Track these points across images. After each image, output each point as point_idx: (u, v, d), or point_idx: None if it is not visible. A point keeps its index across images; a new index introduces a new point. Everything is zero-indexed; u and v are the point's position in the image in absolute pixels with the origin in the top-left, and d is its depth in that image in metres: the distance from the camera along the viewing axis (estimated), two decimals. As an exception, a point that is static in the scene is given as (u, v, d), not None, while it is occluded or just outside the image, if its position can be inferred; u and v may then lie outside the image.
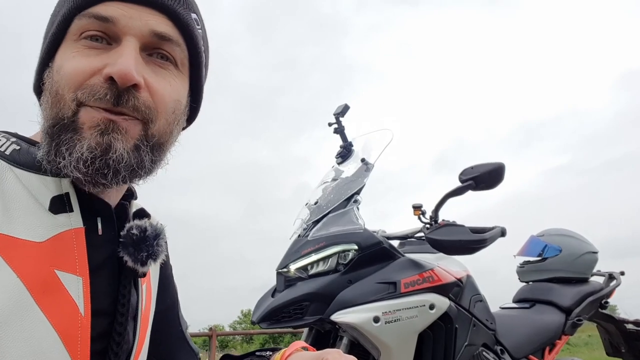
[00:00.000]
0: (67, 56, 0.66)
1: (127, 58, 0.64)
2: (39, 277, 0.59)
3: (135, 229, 0.72)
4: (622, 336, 2.66)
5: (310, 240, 1.85)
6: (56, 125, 0.64)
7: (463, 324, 1.89)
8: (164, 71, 0.70)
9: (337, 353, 0.68)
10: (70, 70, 0.64)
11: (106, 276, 0.70)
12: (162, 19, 0.68)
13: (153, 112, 0.67)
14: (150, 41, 0.68)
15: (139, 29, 0.66)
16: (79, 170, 0.62)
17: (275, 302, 1.75)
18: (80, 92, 0.63)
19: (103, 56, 0.65)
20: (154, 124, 0.68)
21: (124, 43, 0.65)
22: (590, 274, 2.57)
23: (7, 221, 0.59)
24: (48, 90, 0.67)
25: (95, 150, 0.62)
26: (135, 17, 0.66)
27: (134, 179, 0.69)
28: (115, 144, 0.63)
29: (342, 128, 2.21)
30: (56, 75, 0.66)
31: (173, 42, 0.70)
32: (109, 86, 0.63)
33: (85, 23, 0.66)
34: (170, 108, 0.70)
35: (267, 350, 0.88)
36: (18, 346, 0.55)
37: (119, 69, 0.63)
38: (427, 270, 1.82)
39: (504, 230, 1.90)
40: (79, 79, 0.64)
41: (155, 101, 0.68)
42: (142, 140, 0.67)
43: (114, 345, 0.69)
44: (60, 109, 0.64)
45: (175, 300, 0.96)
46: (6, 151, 0.65)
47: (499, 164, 1.85)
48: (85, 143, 0.62)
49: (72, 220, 0.65)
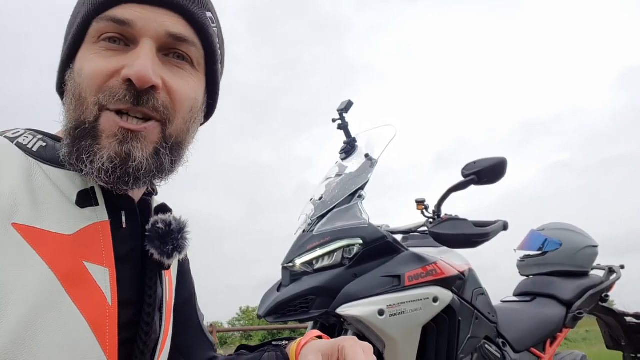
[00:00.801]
0: (86, 58, 0.68)
1: (144, 60, 0.65)
2: (68, 268, 0.61)
3: (161, 222, 0.74)
4: (622, 329, 2.70)
5: (316, 235, 1.87)
6: (78, 128, 0.66)
7: (466, 316, 1.92)
8: (181, 71, 0.72)
9: (352, 340, 0.70)
10: (90, 73, 0.66)
11: (131, 268, 0.72)
12: (178, 19, 0.70)
13: (171, 112, 0.69)
14: (167, 42, 0.69)
15: (155, 30, 0.68)
16: (101, 179, 0.65)
17: (281, 296, 1.77)
18: (101, 95, 0.65)
19: (120, 57, 0.67)
20: (172, 123, 0.70)
21: (140, 45, 0.67)
22: (590, 267, 2.59)
23: (38, 215, 0.61)
24: (71, 92, 0.68)
25: (115, 160, 0.65)
26: (151, 19, 0.68)
27: (155, 181, 0.72)
28: (134, 152, 0.66)
29: (345, 124, 2.23)
30: (77, 78, 0.68)
31: (189, 42, 0.71)
32: (127, 87, 0.65)
33: (103, 26, 0.68)
34: (188, 107, 0.72)
35: (283, 339, 0.90)
36: (52, 334, 0.58)
37: (136, 71, 0.64)
38: (430, 263, 1.84)
39: (507, 224, 1.93)
40: (99, 81, 0.66)
41: (173, 101, 0.69)
42: (162, 143, 0.69)
43: (142, 335, 0.71)
44: (83, 112, 0.66)
45: (192, 293, 0.98)
46: (33, 148, 0.68)
47: (501, 158, 1.87)
48: (105, 153, 0.65)
49: (98, 214, 0.68)
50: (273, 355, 0.86)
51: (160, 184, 0.75)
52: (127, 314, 0.69)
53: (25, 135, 0.69)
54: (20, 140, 0.68)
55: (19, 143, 0.67)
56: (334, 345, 0.71)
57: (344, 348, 0.69)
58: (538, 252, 2.60)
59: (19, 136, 0.68)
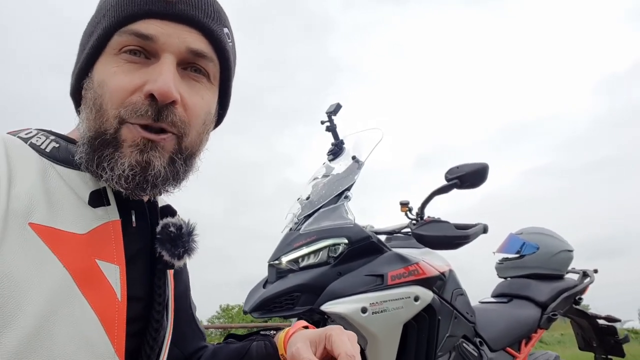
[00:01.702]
0: (108, 71, 0.70)
1: (167, 76, 0.68)
2: (82, 266, 0.64)
3: (172, 226, 0.77)
4: (594, 331, 2.78)
5: (302, 233, 1.91)
6: (98, 138, 0.69)
7: (445, 316, 1.97)
8: (197, 84, 0.75)
9: (339, 329, 0.74)
10: (113, 87, 0.69)
11: (140, 265, 0.75)
12: (198, 35, 0.73)
13: (187, 127, 0.72)
14: (186, 57, 0.72)
15: (177, 46, 0.70)
16: (121, 185, 0.68)
17: (267, 293, 1.81)
18: (123, 110, 0.68)
19: (142, 72, 0.69)
20: (187, 137, 0.73)
21: (162, 60, 0.70)
22: (565, 271, 2.67)
23: (53, 215, 0.64)
24: (91, 101, 0.71)
25: (136, 167, 0.68)
26: (173, 35, 0.70)
27: (170, 188, 0.75)
28: (154, 161, 0.69)
29: (334, 126, 2.27)
30: (99, 89, 0.70)
31: (207, 58, 0.74)
32: (149, 103, 0.68)
33: (125, 39, 0.70)
34: (202, 121, 0.75)
35: (270, 329, 0.93)
36: (66, 329, 0.61)
37: (159, 87, 0.67)
38: (412, 264, 1.89)
39: (486, 227, 1.99)
40: (121, 96, 0.68)
41: (188, 115, 0.72)
42: (177, 154, 0.72)
43: (152, 331, 0.75)
44: (103, 123, 0.69)
45: (188, 286, 1.01)
46: (46, 149, 0.70)
47: (483, 164, 1.94)
48: (126, 161, 0.67)
49: (110, 213, 0.71)
50: (262, 344, 0.88)
51: (173, 192, 0.77)
52: (135, 309, 0.72)
53: (39, 136, 0.71)
54: (34, 140, 0.70)
55: (32, 144, 0.69)
56: (321, 333, 0.74)
57: (331, 336, 0.71)
58: (516, 255, 2.66)
59: (32, 137, 0.71)
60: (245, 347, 0.90)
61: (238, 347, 0.93)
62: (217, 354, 0.95)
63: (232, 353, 0.92)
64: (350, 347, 0.69)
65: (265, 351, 0.87)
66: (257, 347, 0.89)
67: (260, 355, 0.87)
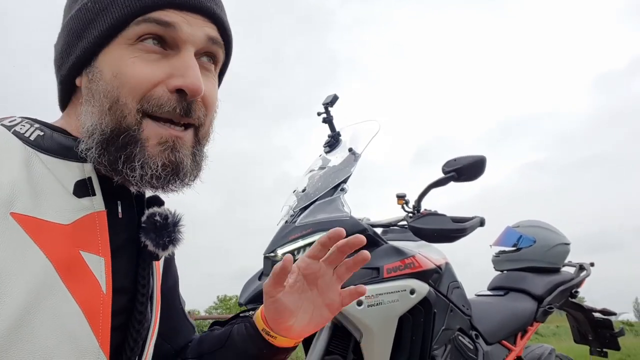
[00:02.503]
0: (125, 62, 0.66)
1: (197, 70, 0.67)
2: (65, 257, 0.63)
3: (158, 215, 0.75)
4: (590, 324, 2.79)
5: (298, 226, 1.89)
6: (121, 135, 0.66)
7: (441, 309, 1.97)
8: (209, 73, 0.74)
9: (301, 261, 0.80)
10: (134, 79, 0.66)
11: (125, 257, 0.74)
12: (212, 24, 0.72)
13: (205, 118, 0.72)
14: (205, 46, 0.71)
15: (199, 35, 0.69)
16: (152, 184, 0.67)
17: (262, 285, 1.79)
18: (146, 104, 0.66)
19: (163, 64, 0.67)
20: (204, 127, 0.73)
21: (184, 52, 0.68)
22: (562, 264, 2.68)
23: (37, 205, 0.62)
24: (101, 92, 0.67)
25: (168, 167, 0.67)
26: (193, 24, 0.69)
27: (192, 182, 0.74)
28: (185, 160, 0.68)
29: (330, 118, 2.25)
30: (114, 81, 0.66)
31: (219, 45, 0.74)
32: (177, 98, 0.66)
33: (145, 27, 0.67)
34: (215, 109, 0.75)
35: (249, 310, 0.96)
36: (47, 322, 0.59)
37: (191, 83, 0.66)
38: (408, 257, 1.88)
39: (483, 220, 1.98)
40: (143, 88, 0.66)
41: (206, 106, 0.72)
42: (196, 146, 0.72)
43: (135, 323, 0.73)
44: (124, 117, 0.66)
45: (176, 280, 1.01)
46: (30, 137, 0.67)
47: (481, 156, 1.92)
48: (158, 160, 0.66)
49: (95, 204, 0.68)
50: (242, 326, 0.89)
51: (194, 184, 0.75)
52: (120, 301, 0.71)
53: (22, 123, 0.69)
54: (17, 128, 0.67)
55: (16, 132, 0.67)
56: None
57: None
58: (513, 248, 2.67)
59: (16, 124, 0.68)
60: (227, 332, 0.92)
61: (221, 332, 0.94)
62: (203, 341, 0.97)
63: (216, 339, 0.94)
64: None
65: (246, 332, 0.88)
66: (237, 330, 0.90)
67: (242, 336, 0.88)
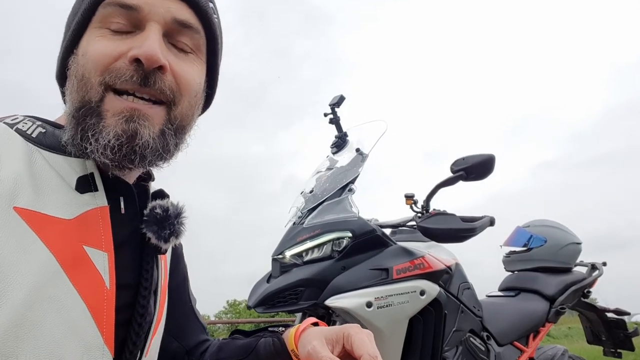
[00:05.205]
0: (91, 41, 0.68)
1: (153, 40, 0.66)
2: (69, 252, 0.63)
3: (159, 208, 0.76)
4: (603, 324, 2.75)
5: (306, 227, 1.88)
6: (82, 108, 0.67)
7: (452, 310, 1.95)
8: (185, 56, 0.73)
9: (357, 327, 0.71)
10: (96, 54, 0.67)
11: (129, 252, 0.74)
12: (183, 6, 0.71)
13: (177, 95, 0.71)
14: (172, 28, 0.71)
15: (162, 15, 0.69)
16: (106, 156, 0.66)
17: (271, 288, 1.79)
18: (107, 76, 0.66)
19: (127, 40, 0.68)
20: (177, 106, 0.71)
21: (147, 28, 0.68)
22: (573, 264, 2.64)
23: (39, 200, 0.62)
24: (74, 74, 0.69)
25: (122, 137, 0.65)
26: (158, 5, 0.69)
27: (160, 162, 0.73)
28: (141, 130, 0.66)
29: (337, 118, 2.24)
30: (82, 60, 0.68)
31: (193, 29, 0.73)
32: (135, 68, 0.66)
33: (110, 11, 0.68)
34: (194, 91, 0.74)
35: (279, 326, 0.90)
36: (52, 316, 0.59)
37: (145, 50, 0.65)
38: (418, 257, 1.87)
39: (493, 220, 1.96)
40: (105, 62, 0.66)
41: (178, 84, 0.71)
42: (167, 124, 0.71)
43: (137, 317, 0.73)
44: (87, 92, 0.67)
45: (185, 277, 1.00)
46: (32, 134, 0.68)
47: (490, 155, 1.90)
48: (111, 130, 0.65)
49: (97, 199, 0.69)
50: (269, 340, 0.86)
51: (162, 166, 0.75)
52: (124, 296, 0.71)
53: (25, 121, 0.70)
54: (20, 126, 0.68)
55: (18, 129, 0.68)
56: (338, 332, 0.71)
57: (350, 336, 0.69)
58: (523, 248, 2.64)
59: (18, 122, 0.69)
60: (253, 344, 0.88)
61: (245, 343, 0.91)
62: (223, 349, 0.94)
63: (239, 349, 0.90)
64: (371, 348, 0.67)
65: (273, 348, 0.84)
66: (264, 344, 0.86)
67: (268, 352, 0.85)
